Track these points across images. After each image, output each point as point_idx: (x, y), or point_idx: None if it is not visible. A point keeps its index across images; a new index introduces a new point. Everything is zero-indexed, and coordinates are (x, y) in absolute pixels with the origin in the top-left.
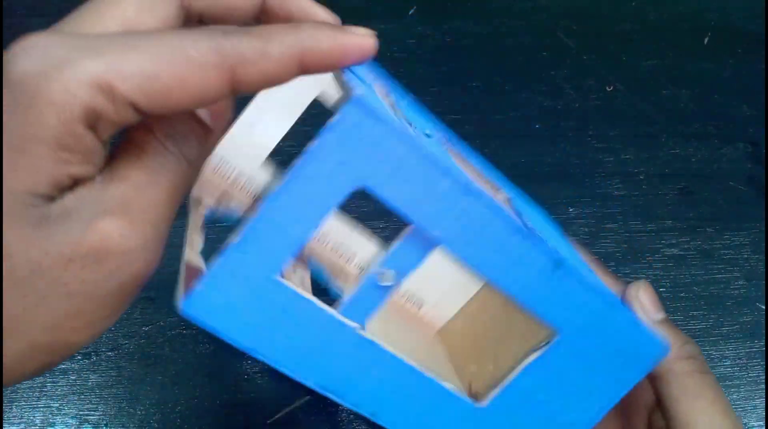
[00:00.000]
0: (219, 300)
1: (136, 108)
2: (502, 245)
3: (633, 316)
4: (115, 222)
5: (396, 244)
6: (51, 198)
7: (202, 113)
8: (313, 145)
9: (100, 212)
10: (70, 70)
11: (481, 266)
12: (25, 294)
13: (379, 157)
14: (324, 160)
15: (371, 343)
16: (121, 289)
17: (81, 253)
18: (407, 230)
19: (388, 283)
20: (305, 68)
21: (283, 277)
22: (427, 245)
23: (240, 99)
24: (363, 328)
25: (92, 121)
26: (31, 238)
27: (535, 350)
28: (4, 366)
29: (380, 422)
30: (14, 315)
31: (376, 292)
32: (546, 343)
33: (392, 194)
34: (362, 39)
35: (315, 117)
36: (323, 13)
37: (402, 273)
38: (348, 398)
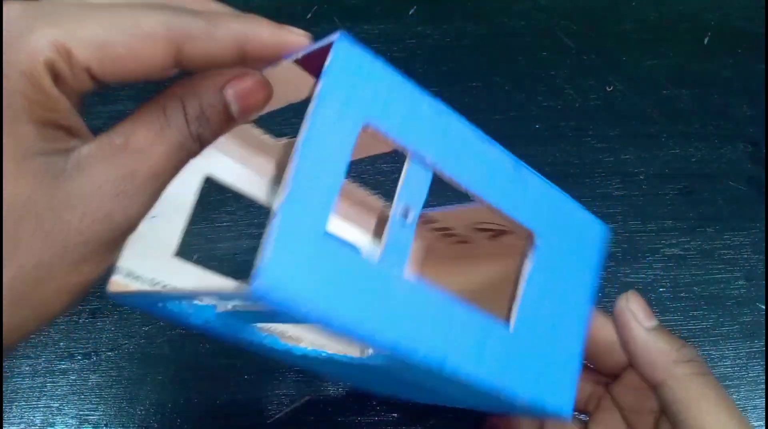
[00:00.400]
0: (286, 267)
1: (91, 74)
2: (476, 154)
3: (577, 203)
4: (123, 186)
5: (402, 178)
6: (65, 151)
7: (231, 101)
8: (316, 91)
9: (113, 177)
10: (32, 36)
11: (465, 180)
12: (52, 244)
13: (373, 87)
14: (330, 103)
15: (417, 284)
16: (123, 236)
17: (92, 209)
18: (406, 164)
19: (411, 219)
20: (245, 54)
21: None
22: (426, 171)
23: None
24: (403, 271)
25: (55, 80)
26: (52, 192)
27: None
28: (40, 307)
29: (448, 370)
30: (44, 262)
31: (403, 231)
32: (530, 250)
33: (389, 125)
34: (298, 38)
35: None
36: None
37: (416, 205)
38: (417, 352)
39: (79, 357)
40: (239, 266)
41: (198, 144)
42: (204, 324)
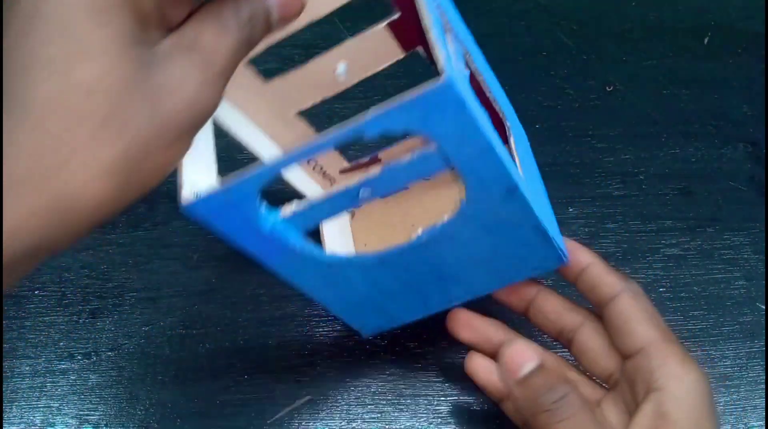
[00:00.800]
0: (454, 71)
1: None
2: (475, 49)
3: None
4: (203, 76)
5: (450, 44)
6: (152, 43)
7: (273, 9)
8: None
9: (195, 68)
10: None
11: (475, 61)
12: (153, 125)
13: None
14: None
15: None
16: (201, 124)
17: (183, 96)
18: (449, 36)
19: (466, 70)
20: None
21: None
22: (459, 44)
23: None
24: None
25: None
26: (150, 77)
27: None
28: (142, 182)
29: (520, 192)
30: (149, 141)
31: (463, 74)
32: (509, 131)
33: (444, 10)
34: None
35: None
36: None
37: (461, 61)
38: (508, 169)
39: (79, 357)
40: (239, 265)
41: (247, 47)
42: (270, 231)
